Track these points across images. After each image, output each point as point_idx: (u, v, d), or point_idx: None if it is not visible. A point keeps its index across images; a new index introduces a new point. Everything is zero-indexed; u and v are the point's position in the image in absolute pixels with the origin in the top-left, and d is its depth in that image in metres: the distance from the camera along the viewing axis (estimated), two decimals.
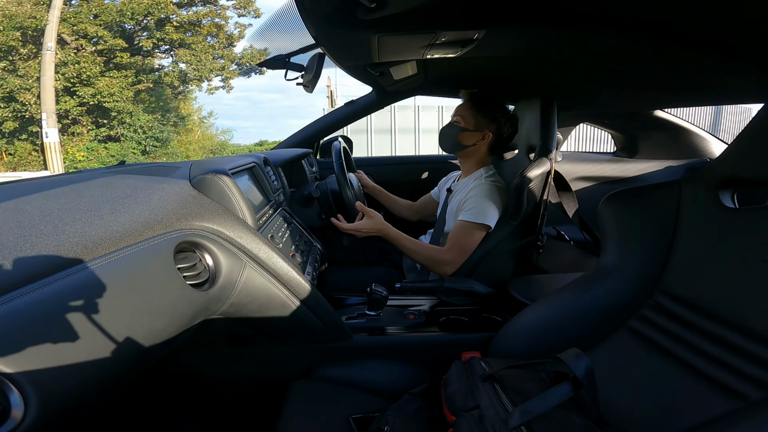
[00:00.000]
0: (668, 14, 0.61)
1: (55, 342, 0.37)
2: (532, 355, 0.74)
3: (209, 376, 0.88)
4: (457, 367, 0.69)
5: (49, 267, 0.42)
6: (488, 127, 1.22)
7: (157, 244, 0.55)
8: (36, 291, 0.38)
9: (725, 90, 1.03)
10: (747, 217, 0.60)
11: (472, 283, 1.05)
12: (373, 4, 0.60)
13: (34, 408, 0.34)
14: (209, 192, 0.74)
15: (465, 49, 0.86)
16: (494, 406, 0.55)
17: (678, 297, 0.65)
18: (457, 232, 1.15)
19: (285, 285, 0.75)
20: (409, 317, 0.96)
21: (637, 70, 0.94)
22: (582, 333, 0.73)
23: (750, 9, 0.54)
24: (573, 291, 0.77)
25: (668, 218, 0.70)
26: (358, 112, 1.85)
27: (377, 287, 0.92)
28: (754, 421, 0.46)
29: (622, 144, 2.11)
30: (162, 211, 0.61)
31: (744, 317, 0.55)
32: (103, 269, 0.45)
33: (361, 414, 0.73)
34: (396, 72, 1.18)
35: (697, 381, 0.57)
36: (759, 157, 0.60)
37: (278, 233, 0.92)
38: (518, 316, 0.83)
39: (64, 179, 0.69)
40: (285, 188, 1.26)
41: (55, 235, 0.46)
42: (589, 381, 0.50)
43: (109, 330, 0.43)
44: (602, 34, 0.73)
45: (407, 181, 2.02)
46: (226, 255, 0.67)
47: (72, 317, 0.39)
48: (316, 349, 0.87)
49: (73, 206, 0.54)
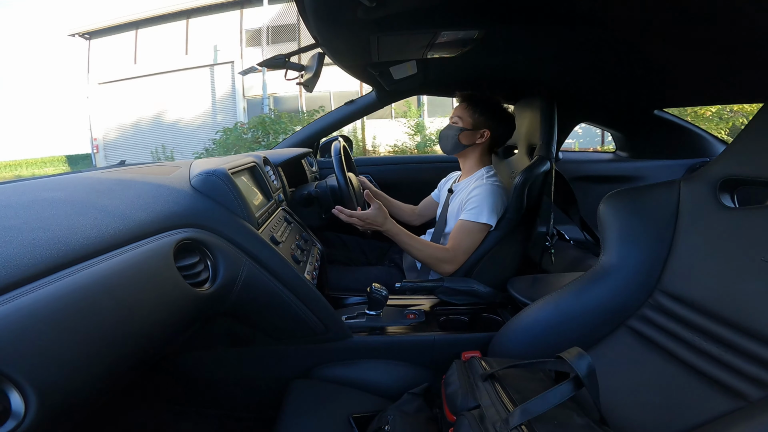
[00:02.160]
0: (668, 15, 0.61)
1: (55, 342, 0.37)
2: (532, 354, 0.74)
3: (209, 376, 0.88)
4: (457, 366, 0.69)
5: (49, 267, 0.42)
6: (486, 125, 1.23)
7: (157, 244, 0.55)
8: (36, 291, 0.38)
9: (725, 90, 1.03)
10: (747, 217, 0.60)
11: (472, 283, 1.05)
12: (373, 4, 0.60)
13: (35, 408, 0.34)
14: (209, 192, 0.74)
15: (465, 49, 0.87)
16: (495, 405, 0.55)
17: (678, 296, 0.65)
18: (459, 231, 1.15)
19: (285, 284, 0.75)
20: (409, 317, 0.96)
21: (637, 70, 0.94)
22: (582, 332, 0.73)
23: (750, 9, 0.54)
24: (573, 291, 0.77)
25: (668, 218, 0.70)
26: (358, 112, 1.85)
27: (377, 287, 0.92)
28: (754, 421, 0.46)
29: (622, 144, 2.11)
30: (162, 210, 0.61)
31: (744, 317, 0.55)
32: (102, 269, 0.45)
33: (361, 413, 0.73)
34: (396, 72, 1.18)
35: (697, 381, 0.57)
36: (759, 157, 0.60)
37: (278, 233, 0.92)
38: (518, 316, 0.83)
39: (64, 179, 0.68)
40: (285, 188, 1.26)
41: (54, 234, 0.45)
42: (591, 380, 0.50)
43: (108, 330, 0.43)
44: (602, 34, 0.73)
45: (407, 181, 2.02)
46: (226, 255, 0.67)
47: (72, 317, 0.39)
48: (316, 349, 0.87)
49: (73, 206, 0.53)
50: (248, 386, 0.90)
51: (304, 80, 1.11)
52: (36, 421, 0.34)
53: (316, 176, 1.80)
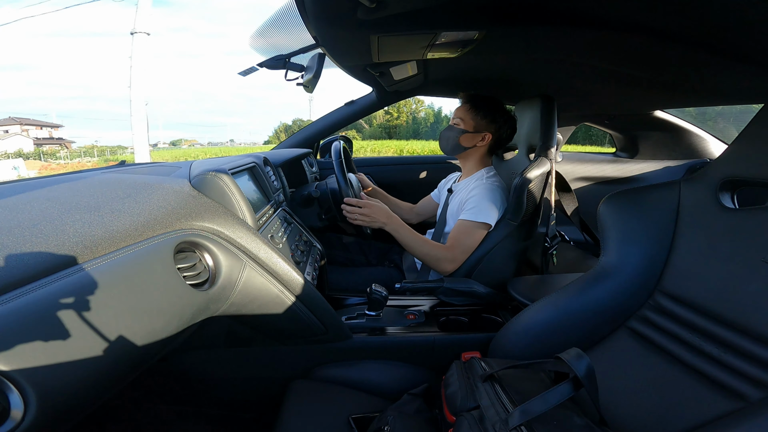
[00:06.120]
0: (668, 15, 0.61)
1: (54, 342, 0.37)
2: (532, 355, 0.74)
3: (209, 376, 0.88)
4: (457, 367, 0.69)
5: (49, 267, 0.42)
6: (488, 128, 1.23)
7: (157, 244, 0.55)
8: (36, 291, 0.38)
9: (725, 90, 1.03)
10: (747, 217, 0.60)
11: (472, 283, 1.05)
12: (373, 5, 0.60)
13: (34, 408, 0.34)
14: (209, 192, 0.74)
15: (465, 49, 0.87)
16: (494, 406, 0.55)
17: (678, 297, 0.65)
18: (458, 231, 1.15)
19: (285, 285, 0.75)
20: (409, 317, 0.96)
21: (638, 70, 0.94)
22: (582, 333, 0.73)
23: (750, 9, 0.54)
24: (573, 291, 0.77)
25: (668, 218, 0.70)
26: (358, 113, 1.85)
27: (377, 287, 0.92)
28: (754, 421, 0.46)
29: (622, 144, 2.11)
30: (162, 211, 0.61)
31: (744, 317, 0.55)
32: (103, 269, 0.45)
33: (360, 414, 0.73)
34: (396, 72, 1.18)
35: (697, 381, 0.57)
36: (759, 158, 0.60)
37: (278, 233, 0.92)
38: (518, 317, 0.83)
39: (65, 179, 0.69)
40: (285, 188, 1.26)
41: (55, 235, 0.45)
42: (590, 381, 0.50)
43: (108, 330, 0.43)
44: (602, 34, 0.73)
45: (407, 181, 2.02)
46: (226, 255, 0.67)
47: (72, 317, 0.39)
48: (316, 349, 0.87)
49: (73, 206, 0.54)
50: (248, 386, 0.90)
51: (304, 81, 1.11)
52: (35, 421, 0.34)
53: (316, 177, 1.80)
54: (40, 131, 34.95)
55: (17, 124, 32.88)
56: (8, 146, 28.35)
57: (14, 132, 31.19)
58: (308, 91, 1.11)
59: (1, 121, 33.01)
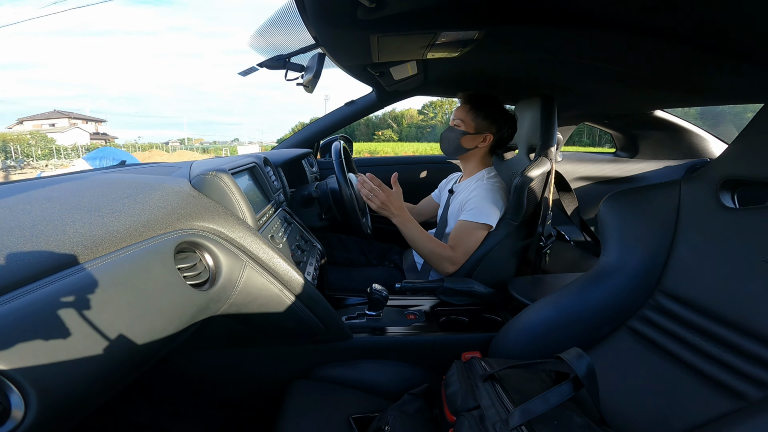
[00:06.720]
0: (668, 15, 0.61)
1: (55, 342, 0.37)
2: (533, 355, 0.74)
3: (209, 376, 0.88)
4: (457, 367, 0.69)
5: (49, 267, 0.42)
6: (489, 129, 1.23)
7: (157, 244, 0.55)
8: (36, 291, 0.38)
9: (725, 90, 1.03)
10: (747, 217, 0.60)
11: (472, 283, 1.05)
12: (373, 4, 0.60)
13: (34, 408, 0.34)
14: (209, 192, 0.74)
15: (465, 49, 0.87)
16: (495, 406, 0.55)
17: (678, 297, 0.65)
18: (459, 231, 1.15)
19: (285, 285, 0.75)
20: (409, 317, 0.96)
21: (637, 70, 0.94)
22: (582, 333, 0.73)
23: (750, 9, 0.54)
24: (573, 291, 0.77)
25: (668, 218, 0.70)
26: (358, 113, 1.85)
27: (377, 287, 0.92)
28: (754, 421, 0.46)
29: (622, 144, 2.11)
30: (162, 211, 0.61)
31: (744, 317, 0.55)
32: (103, 269, 0.45)
33: (361, 414, 0.73)
34: (396, 72, 1.18)
35: (697, 381, 0.57)
36: (759, 157, 0.60)
37: (278, 233, 0.92)
38: (518, 316, 0.83)
39: (64, 179, 0.69)
40: (285, 188, 1.26)
41: (55, 235, 0.45)
42: (590, 381, 0.50)
43: (109, 330, 0.43)
44: (602, 34, 0.73)
45: (407, 181, 2.02)
46: (226, 255, 0.67)
47: (72, 317, 0.39)
48: (317, 349, 0.87)
49: (73, 206, 0.54)
50: (248, 386, 0.90)
51: (304, 81, 1.11)
52: (36, 421, 0.34)
53: (316, 176, 1.80)
54: (86, 125, 33.59)
55: (65, 118, 31.86)
56: (65, 140, 26.81)
57: (62, 126, 29.81)
58: (308, 91, 1.11)
59: (45, 114, 32.00)
